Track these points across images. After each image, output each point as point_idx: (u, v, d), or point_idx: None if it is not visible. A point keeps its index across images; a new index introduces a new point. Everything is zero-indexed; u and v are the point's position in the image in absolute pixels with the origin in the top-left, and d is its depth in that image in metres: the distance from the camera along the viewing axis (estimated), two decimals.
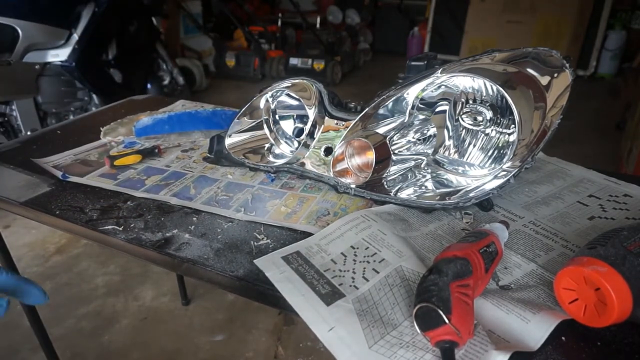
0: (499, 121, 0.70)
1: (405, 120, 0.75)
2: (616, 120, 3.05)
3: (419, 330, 0.45)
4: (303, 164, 0.78)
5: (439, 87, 0.72)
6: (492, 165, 0.70)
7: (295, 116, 0.86)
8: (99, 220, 0.69)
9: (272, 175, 0.81)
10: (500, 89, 0.65)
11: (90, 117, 1.21)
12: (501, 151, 0.70)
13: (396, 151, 0.75)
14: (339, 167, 0.75)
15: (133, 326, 1.54)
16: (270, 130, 0.86)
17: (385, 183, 0.72)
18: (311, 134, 0.78)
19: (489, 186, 0.65)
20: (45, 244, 1.93)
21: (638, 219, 0.66)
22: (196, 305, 1.63)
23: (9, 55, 2.03)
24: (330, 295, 0.52)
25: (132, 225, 0.68)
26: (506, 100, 0.65)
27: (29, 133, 2.10)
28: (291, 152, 0.82)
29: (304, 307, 0.50)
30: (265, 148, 0.86)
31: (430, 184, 0.72)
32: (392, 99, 0.74)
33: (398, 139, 0.76)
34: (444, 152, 0.75)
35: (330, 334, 0.47)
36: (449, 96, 0.72)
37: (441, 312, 0.42)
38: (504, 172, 0.65)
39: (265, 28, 4.41)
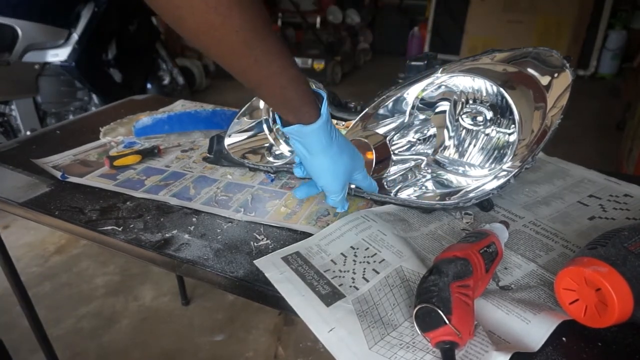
0: (499, 121, 0.69)
1: (405, 120, 0.75)
2: (616, 120, 3.05)
3: (419, 331, 0.44)
4: None
5: (439, 87, 0.72)
6: (492, 166, 0.70)
7: None
8: (98, 221, 0.69)
9: (272, 175, 0.81)
10: (500, 89, 0.65)
11: (90, 117, 1.21)
12: (501, 151, 0.69)
13: (396, 151, 0.75)
14: None
15: (133, 326, 1.54)
16: (270, 130, 0.86)
17: (385, 183, 0.72)
18: None
19: (489, 186, 0.65)
20: (45, 244, 1.93)
21: (639, 219, 0.66)
22: (196, 305, 1.63)
23: (8, 55, 2.03)
24: (330, 295, 0.51)
25: (131, 226, 0.68)
26: (506, 100, 0.65)
27: (28, 133, 2.10)
28: (291, 152, 0.82)
29: (304, 307, 0.50)
30: (265, 148, 0.85)
31: (430, 184, 0.71)
32: (392, 99, 0.74)
33: (398, 139, 0.76)
34: (444, 152, 0.75)
35: (330, 335, 0.47)
36: (449, 96, 0.72)
37: (441, 313, 0.42)
38: (504, 172, 0.65)
39: None
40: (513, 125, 0.66)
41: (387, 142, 0.72)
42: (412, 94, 0.73)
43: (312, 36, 4.36)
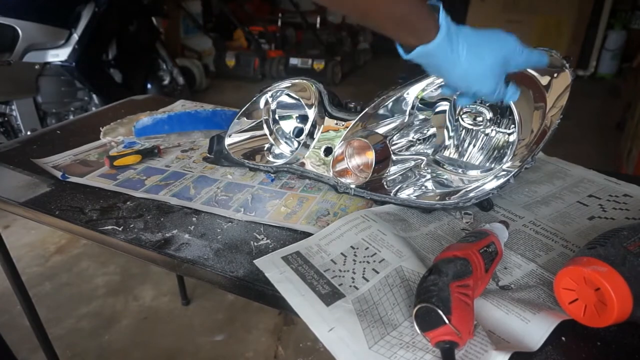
0: (499, 121, 0.70)
1: (405, 120, 0.75)
2: (616, 120, 3.05)
3: (419, 331, 0.45)
4: (303, 164, 0.78)
5: (439, 87, 0.72)
6: (492, 165, 0.70)
7: (295, 116, 0.86)
8: (98, 221, 0.69)
9: (272, 175, 0.81)
10: None
11: (90, 117, 1.21)
12: (501, 151, 0.70)
13: (396, 151, 0.75)
14: (339, 167, 0.75)
15: (133, 326, 1.54)
16: (270, 130, 0.86)
17: (385, 183, 0.72)
18: (311, 134, 0.78)
19: (489, 186, 0.65)
20: (45, 244, 1.93)
21: (638, 219, 0.66)
22: (196, 305, 1.63)
23: (9, 55, 2.03)
24: (330, 295, 0.52)
25: (131, 226, 0.68)
26: None
27: (28, 133, 2.10)
28: (291, 152, 0.82)
29: (304, 307, 0.50)
30: (265, 148, 0.86)
31: (430, 184, 0.72)
32: (392, 99, 0.74)
33: (398, 139, 0.76)
34: (443, 152, 0.75)
35: (330, 334, 0.47)
36: (449, 96, 0.72)
37: (441, 313, 0.42)
38: (504, 172, 0.65)
39: (265, 28, 4.41)
40: (513, 125, 0.66)
41: (387, 142, 0.73)
42: (412, 94, 0.73)
43: (312, 36, 4.37)
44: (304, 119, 0.83)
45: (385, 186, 0.72)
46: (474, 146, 0.72)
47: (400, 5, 0.50)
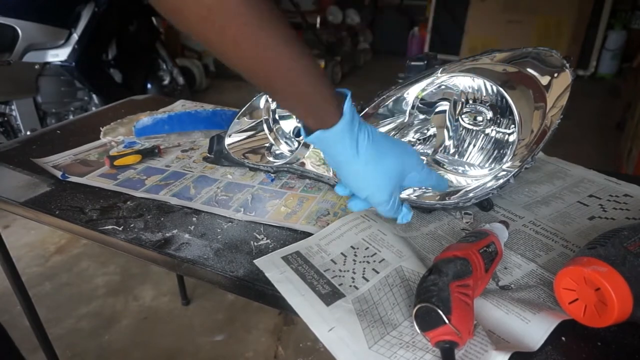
0: (499, 121, 0.70)
1: (405, 120, 0.75)
2: (616, 120, 3.05)
3: (418, 331, 0.45)
4: (303, 164, 0.78)
5: (439, 87, 0.72)
6: (492, 165, 0.70)
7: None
8: (98, 221, 0.69)
9: (272, 175, 0.81)
10: (500, 89, 0.65)
11: (90, 117, 1.21)
12: (501, 151, 0.70)
13: None
14: None
15: (133, 326, 1.54)
16: (270, 130, 0.86)
17: None
18: None
19: (489, 186, 0.65)
20: (45, 244, 1.93)
21: (638, 218, 0.66)
22: (196, 305, 1.63)
23: (8, 55, 2.03)
24: (330, 295, 0.52)
25: (132, 225, 0.68)
26: (506, 100, 0.65)
27: (28, 133, 2.10)
28: (291, 152, 0.82)
29: (304, 307, 0.50)
30: (265, 148, 0.86)
31: None
32: (392, 99, 0.74)
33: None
34: (443, 152, 0.75)
35: (330, 334, 0.47)
36: (449, 96, 0.72)
37: (441, 312, 0.42)
38: (504, 172, 0.65)
39: None
40: (513, 125, 0.66)
41: None
42: (412, 94, 0.73)
43: (312, 36, 4.36)
44: None
45: None
46: (474, 146, 0.72)
47: (303, 83, 0.48)
